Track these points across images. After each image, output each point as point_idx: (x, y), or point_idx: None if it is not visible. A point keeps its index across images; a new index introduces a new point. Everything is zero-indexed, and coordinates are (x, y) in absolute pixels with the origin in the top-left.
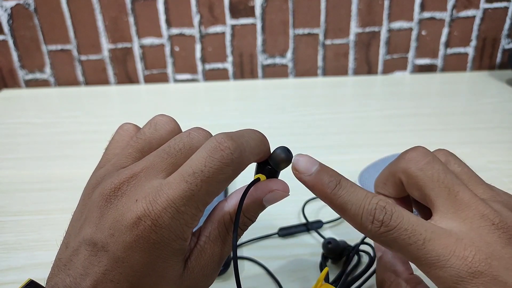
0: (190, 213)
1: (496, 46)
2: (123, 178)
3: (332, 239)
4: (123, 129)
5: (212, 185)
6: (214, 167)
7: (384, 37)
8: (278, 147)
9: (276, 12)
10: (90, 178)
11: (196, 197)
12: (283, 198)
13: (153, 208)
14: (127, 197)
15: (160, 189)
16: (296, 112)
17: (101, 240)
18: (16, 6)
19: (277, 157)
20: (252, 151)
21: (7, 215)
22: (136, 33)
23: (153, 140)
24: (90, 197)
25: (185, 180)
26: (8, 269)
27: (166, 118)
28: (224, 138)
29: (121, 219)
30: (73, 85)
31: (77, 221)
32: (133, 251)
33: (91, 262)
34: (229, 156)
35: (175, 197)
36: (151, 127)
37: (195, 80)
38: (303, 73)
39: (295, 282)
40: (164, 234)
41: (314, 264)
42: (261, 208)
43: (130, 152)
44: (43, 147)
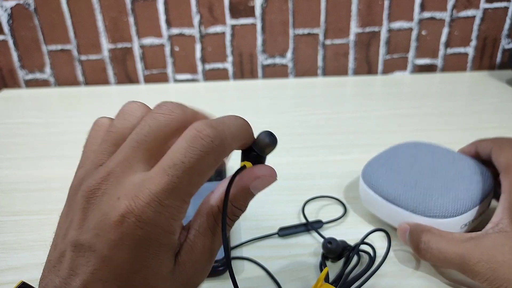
0: (175, 206)
1: (496, 46)
2: (100, 177)
3: (332, 239)
4: (97, 124)
5: (195, 175)
6: (195, 157)
7: (384, 37)
8: (262, 132)
9: (276, 12)
10: (73, 179)
11: (179, 190)
12: (270, 183)
13: (136, 204)
14: (108, 196)
15: (142, 185)
16: (296, 112)
17: (87, 241)
18: (16, 6)
19: (262, 142)
20: (234, 138)
21: (7, 215)
22: (136, 33)
23: (126, 130)
24: (74, 199)
25: (166, 173)
26: (8, 269)
27: (134, 105)
28: (204, 126)
29: (105, 218)
30: (73, 85)
31: (63, 223)
32: (120, 249)
33: (79, 262)
34: (209, 144)
35: (157, 191)
36: (120, 117)
37: (195, 80)
38: (303, 73)
39: (295, 282)
40: (149, 230)
41: (314, 264)
42: (250, 196)
43: (105, 148)
44: (43, 147)
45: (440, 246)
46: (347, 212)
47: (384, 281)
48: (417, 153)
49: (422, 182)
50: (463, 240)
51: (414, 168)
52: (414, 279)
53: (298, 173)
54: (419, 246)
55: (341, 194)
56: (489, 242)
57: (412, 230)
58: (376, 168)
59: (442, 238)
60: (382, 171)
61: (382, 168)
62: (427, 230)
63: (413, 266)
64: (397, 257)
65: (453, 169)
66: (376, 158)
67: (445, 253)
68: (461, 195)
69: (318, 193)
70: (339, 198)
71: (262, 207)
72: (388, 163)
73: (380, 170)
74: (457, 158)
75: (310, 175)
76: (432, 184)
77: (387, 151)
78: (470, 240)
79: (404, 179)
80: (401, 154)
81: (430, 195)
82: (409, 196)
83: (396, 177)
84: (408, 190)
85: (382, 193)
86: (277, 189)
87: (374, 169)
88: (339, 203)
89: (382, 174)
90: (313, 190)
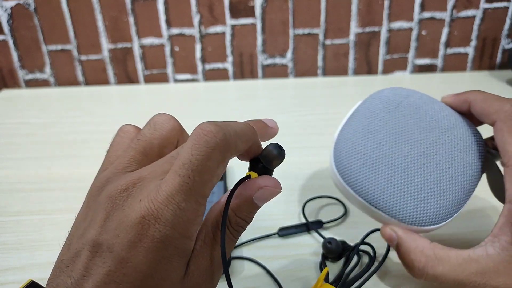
0: (191, 208)
1: (496, 46)
2: (130, 181)
3: (332, 239)
4: (123, 131)
5: (204, 173)
6: (201, 154)
7: (384, 37)
8: (270, 144)
9: (276, 12)
10: (94, 180)
11: (192, 190)
12: (274, 196)
13: (155, 206)
14: (132, 198)
15: (159, 187)
16: (296, 112)
17: (107, 241)
18: (16, 6)
19: (269, 153)
20: (238, 136)
21: (7, 215)
22: (136, 33)
23: (154, 140)
24: (96, 200)
25: (178, 174)
26: (8, 269)
27: (165, 117)
28: (207, 124)
29: (126, 219)
30: (73, 85)
31: (81, 223)
32: (138, 251)
33: (94, 263)
34: (212, 139)
35: (172, 192)
36: (151, 127)
37: (195, 80)
38: (303, 73)
39: (295, 282)
40: (167, 232)
41: (314, 264)
42: (254, 207)
43: (132, 155)
44: (43, 147)
45: (436, 272)
46: (347, 212)
47: (384, 281)
48: (399, 120)
49: (409, 175)
50: (463, 263)
51: (398, 151)
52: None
53: (298, 173)
54: (413, 265)
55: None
56: (492, 265)
57: (402, 244)
58: (352, 154)
59: (439, 262)
60: (359, 160)
61: (360, 153)
62: (420, 252)
63: None
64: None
65: (444, 149)
66: (349, 132)
67: (442, 278)
68: (452, 194)
69: (318, 193)
70: (339, 198)
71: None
72: (365, 143)
73: (358, 157)
74: (447, 124)
75: (310, 175)
76: (421, 179)
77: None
78: (470, 263)
79: (388, 174)
80: (380, 124)
81: (420, 199)
82: (394, 201)
83: (376, 168)
84: (393, 191)
85: (364, 194)
86: None
87: (350, 154)
88: (339, 203)
89: (360, 164)
90: (313, 190)
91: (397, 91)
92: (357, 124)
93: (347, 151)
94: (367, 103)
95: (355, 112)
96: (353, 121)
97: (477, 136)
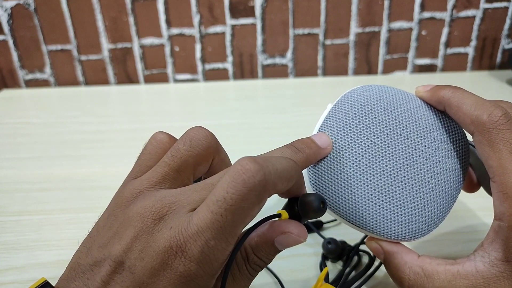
0: (220, 247)
1: (496, 46)
2: (165, 204)
3: (332, 239)
4: (156, 140)
5: (237, 214)
6: (237, 193)
7: (384, 37)
8: (314, 194)
9: (276, 12)
10: (122, 187)
11: (223, 229)
12: (296, 243)
13: (184, 238)
14: (164, 223)
15: (191, 219)
16: (296, 112)
17: (130, 261)
18: (16, 6)
19: (309, 204)
20: (279, 175)
21: (7, 215)
22: (136, 33)
23: (190, 158)
24: (124, 212)
25: (210, 210)
26: (8, 269)
27: (202, 133)
28: (247, 160)
29: (154, 244)
30: (73, 85)
31: (105, 231)
32: (159, 279)
33: (113, 279)
34: (251, 179)
35: (203, 228)
36: (187, 143)
37: (195, 80)
38: (303, 73)
39: (295, 282)
40: (192, 268)
41: (314, 264)
42: (274, 250)
43: (166, 172)
44: (43, 147)
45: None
46: None
47: (384, 281)
48: (373, 130)
49: (389, 191)
50: (452, 279)
51: (376, 165)
52: None
53: None
54: (402, 282)
55: None
56: (482, 282)
57: (389, 260)
58: (327, 174)
59: (428, 279)
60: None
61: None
62: (409, 268)
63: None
64: None
65: (423, 156)
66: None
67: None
68: (436, 204)
69: None
70: None
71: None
72: (340, 160)
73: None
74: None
75: None
76: (402, 193)
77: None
78: (460, 279)
79: (367, 190)
80: (353, 137)
81: (403, 215)
82: (375, 219)
83: (356, 187)
84: (373, 209)
85: (344, 215)
86: None
87: (325, 175)
88: None
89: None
90: None
91: (368, 93)
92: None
93: (322, 172)
94: (336, 110)
95: (325, 122)
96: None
97: (457, 132)
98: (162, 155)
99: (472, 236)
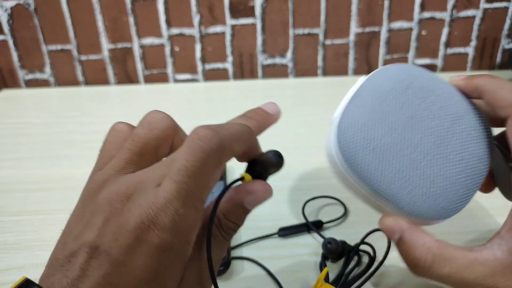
0: (189, 214)
1: (496, 46)
2: (130, 185)
3: (332, 239)
4: (116, 130)
5: (200, 179)
6: (196, 160)
7: (384, 37)
8: (271, 151)
9: (276, 12)
10: (89, 180)
11: (189, 196)
12: (265, 200)
13: (154, 211)
14: (132, 203)
15: (157, 193)
16: (296, 112)
17: (104, 244)
18: (16, 6)
19: (267, 160)
20: (234, 138)
21: (7, 215)
22: (136, 33)
23: (150, 141)
24: (92, 201)
25: (174, 181)
26: (8, 269)
27: (159, 115)
28: (201, 128)
29: (125, 224)
30: (73, 85)
31: (77, 223)
32: (136, 255)
33: (91, 265)
34: (207, 144)
35: (170, 198)
36: (145, 126)
37: (195, 80)
38: (303, 73)
39: (295, 282)
40: (166, 239)
41: (314, 264)
42: (244, 211)
43: (129, 157)
44: (43, 147)
45: (443, 272)
46: (347, 212)
47: (384, 281)
48: (410, 104)
49: (419, 166)
50: (469, 265)
51: (409, 139)
52: (414, 279)
53: (298, 173)
54: (417, 263)
55: (341, 194)
56: (500, 269)
57: (407, 238)
58: (359, 138)
59: (446, 262)
60: (368, 146)
61: (368, 138)
62: (427, 249)
63: None
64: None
65: (455, 140)
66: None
67: (447, 279)
68: (462, 189)
69: (318, 193)
70: (339, 198)
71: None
72: (375, 127)
73: (366, 142)
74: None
75: (310, 175)
76: (431, 171)
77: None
78: (477, 265)
79: (396, 161)
80: (389, 107)
81: (430, 193)
82: (403, 192)
83: (385, 154)
84: (401, 181)
85: (371, 182)
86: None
87: (357, 139)
88: (339, 203)
89: (369, 150)
90: (313, 190)
91: (406, 70)
92: (364, 105)
93: (353, 135)
94: (373, 81)
95: (359, 90)
96: (359, 101)
97: (486, 126)
98: (123, 144)
99: (486, 235)
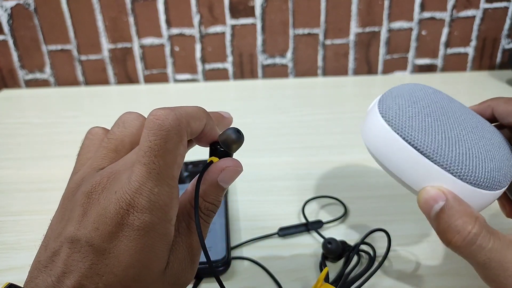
0: (164, 191)
1: (496, 46)
2: (104, 176)
3: (332, 239)
4: (91, 133)
5: (167, 156)
6: (158, 138)
7: (384, 37)
8: (229, 128)
9: (276, 12)
10: (68, 183)
11: (160, 174)
12: (237, 175)
13: (130, 195)
14: (108, 191)
15: (130, 178)
16: (296, 112)
17: (85, 235)
18: (16, 6)
19: (228, 137)
20: (190, 115)
21: (7, 215)
22: (136, 33)
23: (125, 138)
24: (71, 200)
25: (143, 163)
26: (8, 269)
27: (133, 115)
28: (157, 109)
29: (104, 212)
30: (73, 85)
31: (57, 224)
32: (119, 241)
33: (74, 259)
34: (165, 122)
35: (143, 180)
36: (120, 126)
37: (195, 80)
38: (303, 73)
39: (295, 282)
40: (146, 218)
41: (314, 264)
42: (220, 190)
43: (105, 153)
44: (43, 147)
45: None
46: (347, 212)
47: (384, 281)
48: (441, 100)
49: (463, 136)
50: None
51: (446, 116)
52: (414, 279)
53: (298, 173)
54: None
55: (341, 194)
56: None
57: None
58: (404, 102)
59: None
60: (407, 110)
61: (406, 106)
62: (475, 218)
63: (413, 266)
64: (397, 257)
65: (489, 130)
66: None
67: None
68: (507, 162)
69: (318, 193)
70: (339, 198)
71: (262, 207)
72: (411, 103)
73: (405, 108)
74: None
75: (310, 175)
76: (476, 140)
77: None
78: None
79: (440, 127)
80: (420, 95)
81: (478, 157)
82: (451, 152)
83: (427, 120)
84: (448, 142)
85: (412, 139)
86: (277, 189)
87: (401, 102)
88: (339, 203)
89: (408, 113)
90: (313, 190)
91: (417, 86)
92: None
93: (398, 99)
94: (392, 91)
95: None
96: (395, 91)
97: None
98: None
99: None
